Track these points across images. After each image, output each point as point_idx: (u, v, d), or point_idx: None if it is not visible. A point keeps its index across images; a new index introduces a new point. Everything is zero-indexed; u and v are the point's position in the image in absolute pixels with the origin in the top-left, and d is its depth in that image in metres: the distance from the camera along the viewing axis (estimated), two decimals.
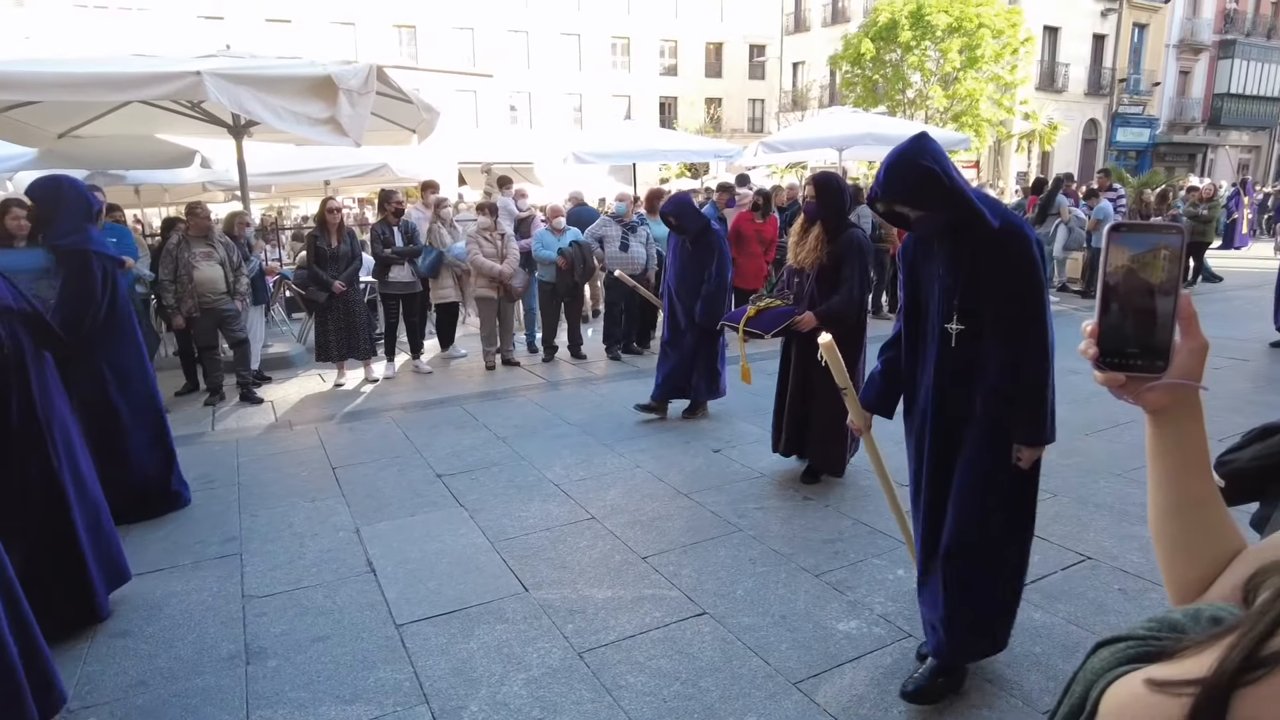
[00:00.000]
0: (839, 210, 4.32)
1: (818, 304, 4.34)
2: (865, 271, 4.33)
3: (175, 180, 11.24)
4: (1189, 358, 0.81)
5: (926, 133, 2.48)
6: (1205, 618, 0.67)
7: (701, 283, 5.77)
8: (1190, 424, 0.83)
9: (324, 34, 32.50)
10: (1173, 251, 0.80)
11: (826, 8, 33.46)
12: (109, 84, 5.59)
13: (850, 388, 2.97)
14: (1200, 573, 0.82)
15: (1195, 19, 31.48)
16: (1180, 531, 0.84)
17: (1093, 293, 11.07)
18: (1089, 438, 5.33)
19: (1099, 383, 0.85)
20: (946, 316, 2.52)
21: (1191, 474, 0.83)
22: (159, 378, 6.88)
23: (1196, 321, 0.82)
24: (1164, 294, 0.80)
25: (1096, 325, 0.84)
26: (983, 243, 2.41)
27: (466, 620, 3.27)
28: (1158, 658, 0.63)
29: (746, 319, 4.64)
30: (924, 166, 2.36)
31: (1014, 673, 2.81)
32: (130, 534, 4.23)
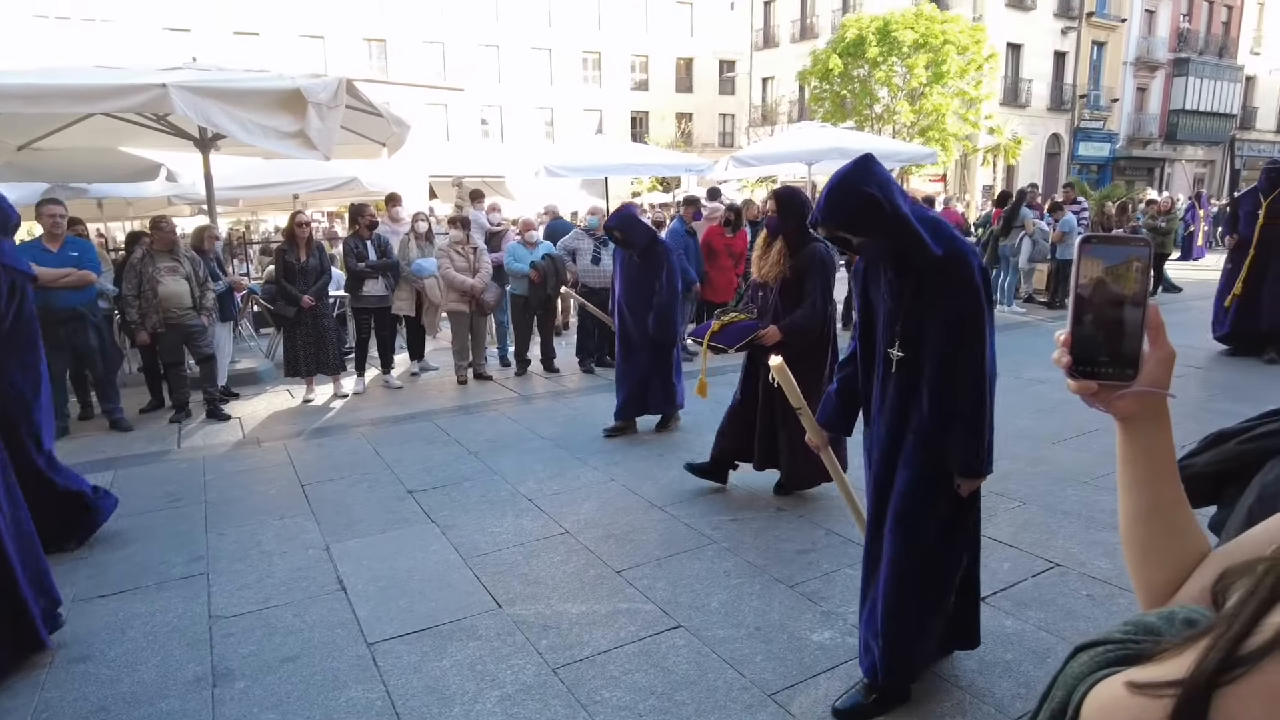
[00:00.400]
0: (800, 225, 4.31)
1: (781, 318, 4.37)
2: (828, 285, 4.36)
3: (139, 194, 11.07)
4: (1157, 366, 0.84)
5: (872, 155, 2.45)
6: (1179, 620, 0.69)
7: (652, 295, 5.73)
8: (1159, 431, 0.85)
9: (292, 47, 32.29)
10: (1142, 263, 0.82)
11: (795, 24, 33.93)
12: (72, 96, 5.51)
13: (805, 407, 2.95)
14: (1168, 576, 0.84)
15: (1151, 37, 32.38)
16: (1149, 536, 0.85)
17: (1058, 303, 11.26)
18: (1056, 446, 5.41)
19: (1072, 390, 0.87)
20: (889, 341, 2.52)
21: (1160, 480, 0.85)
22: (123, 394, 6.81)
23: (1164, 331, 0.84)
24: (1133, 304, 0.83)
25: (1069, 335, 0.85)
26: (925, 270, 2.39)
27: (439, 638, 3.23)
28: (1136, 660, 0.65)
29: (711, 333, 4.69)
30: (865, 194, 2.32)
31: (985, 680, 2.83)
32: (91, 554, 4.13)
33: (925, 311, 2.41)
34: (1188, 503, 0.86)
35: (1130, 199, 16.04)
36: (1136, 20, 31.73)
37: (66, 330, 6.12)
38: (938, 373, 2.42)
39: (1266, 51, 37.05)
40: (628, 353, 5.95)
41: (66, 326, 6.11)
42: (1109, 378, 0.84)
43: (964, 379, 2.39)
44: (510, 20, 36.57)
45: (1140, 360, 0.83)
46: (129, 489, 5.12)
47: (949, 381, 2.41)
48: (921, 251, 2.35)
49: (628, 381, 5.96)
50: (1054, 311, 11.55)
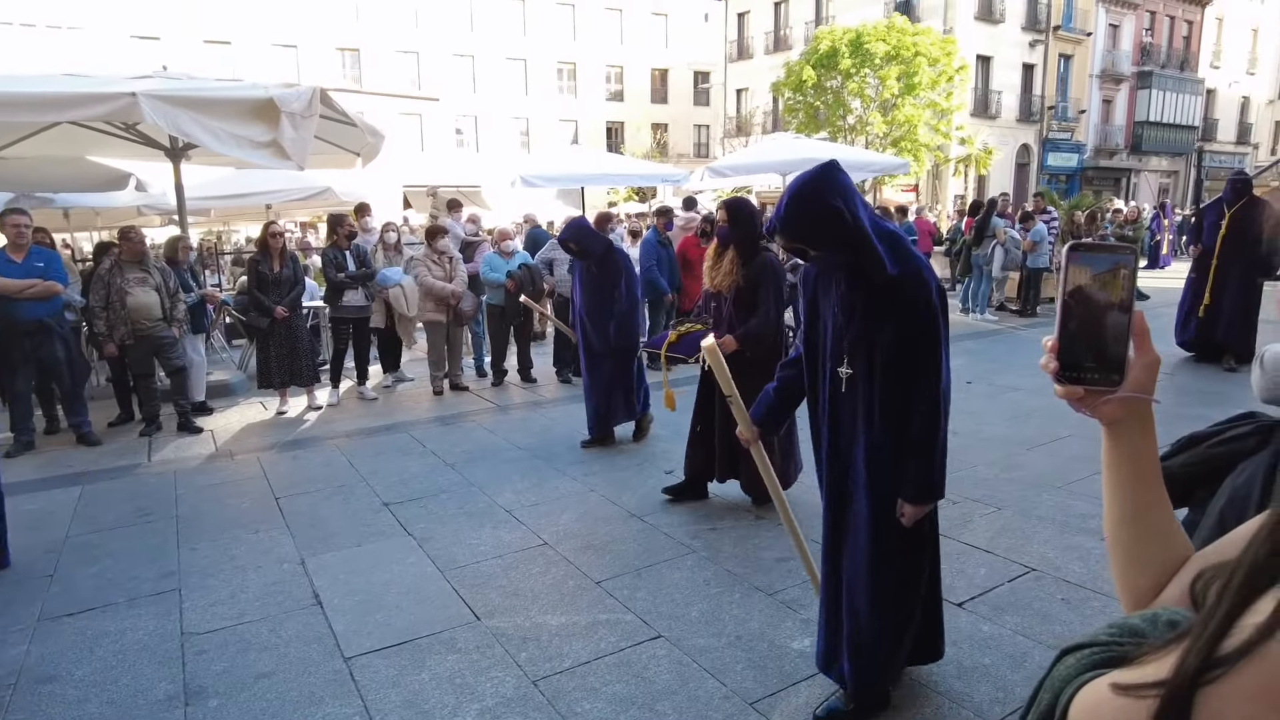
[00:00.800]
0: (751, 234, 4.40)
1: (736, 326, 4.40)
2: (780, 293, 4.42)
3: (108, 204, 10.91)
4: (1142, 372, 0.85)
5: (836, 163, 2.36)
6: (1162, 621, 0.70)
7: (612, 304, 5.72)
8: (1143, 436, 0.87)
9: (265, 56, 32.02)
10: (1127, 270, 0.84)
11: (769, 36, 34.24)
12: (39, 104, 5.43)
13: (736, 395, 2.89)
14: (1151, 580, 0.85)
15: (1115, 51, 33.09)
16: (1133, 539, 0.86)
17: (1028, 312, 11.39)
18: (1030, 452, 5.48)
19: (1058, 395, 0.88)
20: (837, 358, 2.44)
21: (1144, 484, 0.86)
22: (90, 408, 6.68)
23: (1149, 337, 0.86)
24: (1119, 311, 0.84)
25: (1056, 340, 0.87)
26: (878, 287, 2.31)
27: (417, 651, 3.20)
28: (1121, 662, 0.65)
29: (668, 344, 4.71)
30: (828, 205, 2.24)
31: (964, 684, 2.85)
32: (58, 571, 4.04)
33: (877, 330, 2.33)
34: (1170, 506, 0.87)
35: (1099, 208, 16.34)
36: (1101, 34, 32.43)
37: (32, 342, 5.99)
38: (889, 394, 2.35)
39: (1226, 65, 38.05)
40: (592, 364, 5.92)
41: (32, 338, 5.98)
42: (1095, 383, 0.85)
43: (916, 402, 2.33)
44: (485, 30, 36.57)
45: (1126, 366, 0.85)
46: (97, 504, 5.03)
47: (901, 404, 2.34)
48: (877, 268, 2.27)
49: (594, 395, 5.92)
50: (1025, 319, 11.72)
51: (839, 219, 2.22)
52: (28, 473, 5.71)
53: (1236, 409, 1.66)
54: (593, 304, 5.81)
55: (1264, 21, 39.91)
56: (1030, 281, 12.02)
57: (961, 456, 5.42)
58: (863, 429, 2.43)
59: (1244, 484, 1.42)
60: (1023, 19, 29.98)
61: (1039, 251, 11.74)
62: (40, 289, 5.94)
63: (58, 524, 4.71)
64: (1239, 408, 1.68)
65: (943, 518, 4.32)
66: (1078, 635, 0.73)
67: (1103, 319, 0.84)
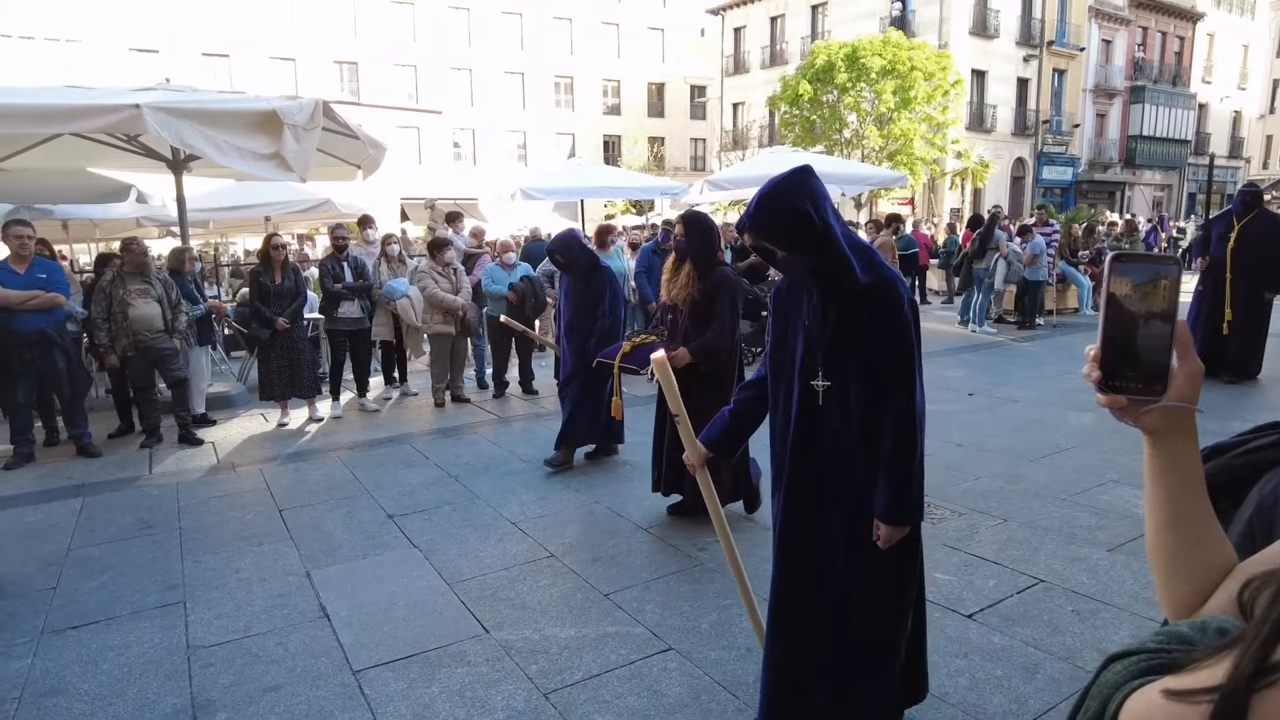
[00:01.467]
0: (708, 248, 4.37)
1: (691, 340, 4.35)
2: (735, 307, 4.37)
3: (107, 215, 10.89)
4: (1185, 381, 0.85)
5: (810, 167, 2.29)
6: (1212, 629, 0.70)
7: (595, 320, 5.65)
8: (1185, 445, 0.87)
9: (263, 69, 32.13)
10: (1170, 280, 0.84)
11: (765, 50, 34.47)
12: (43, 115, 5.43)
13: (683, 415, 2.60)
14: (1194, 588, 0.85)
15: (1108, 66, 33.40)
16: (1175, 546, 0.87)
17: (1027, 324, 11.43)
18: (1033, 464, 5.49)
19: (1101, 404, 0.89)
20: (810, 373, 2.31)
21: (1187, 492, 0.87)
22: (91, 419, 6.65)
23: (1192, 347, 0.86)
24: (1161, 321, 0.84)
25: (1099, 350, 0.87)
26: (849, 296, 2.22)
27: (426, 664, 3.18)
28: (1170, 669, 0.65)
29: (622, 355, 4.70)
30: (797, 208, 2.16)
31: (977, 696, 2.84)
32: (61, 584, 4.01)
33: (849, 342, 2.22)
34: (1214, 516, 0.87)
35: (1096, 221, 16.44)
36: (1094, 49, 32.72)
37: (32, 354, 5.97)
38: (864, 408, 2.23)
39: (1217, 80, 38.43)
40: (570, 378, 5.80)
41: (33, 350, 5.96)
42: (1137, 393, 0.86)
43: (890, 416, 2.21)
44: (483, 44, 36.75)
45: (1169, 375, 0.85)
46: (99, 516, 5.00)
47: (875, 418, 2.22)
48: (847, 275, 2.18)
49: (568, 409, 5.81)
50: (1024, 332, 11.76)
51: (807, 221, 2.15)
52: (28, 484, 5.67)
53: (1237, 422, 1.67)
54: (577, 318, 5.73)
55: (1254, 37, 40.38)
56: (1029, 293, 12.08)
57: (965, 468, 5.43)
58: (837, 448, 2.28)
59: (1270, 494, 1.42)
60: (1016, 34, 30.24)
61: (1038, 265, 11.80)
62: (42, 301, 5.92)
63: (59, 536, 4.68)
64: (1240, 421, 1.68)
65: (950, 529, 4.36)
66: (1125, 643, 0.73)
67: (1145, 329, 0.85)
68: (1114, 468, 5.31)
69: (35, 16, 28.96)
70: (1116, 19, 33.22)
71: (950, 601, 3.54)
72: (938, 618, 3.40)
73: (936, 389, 8.04)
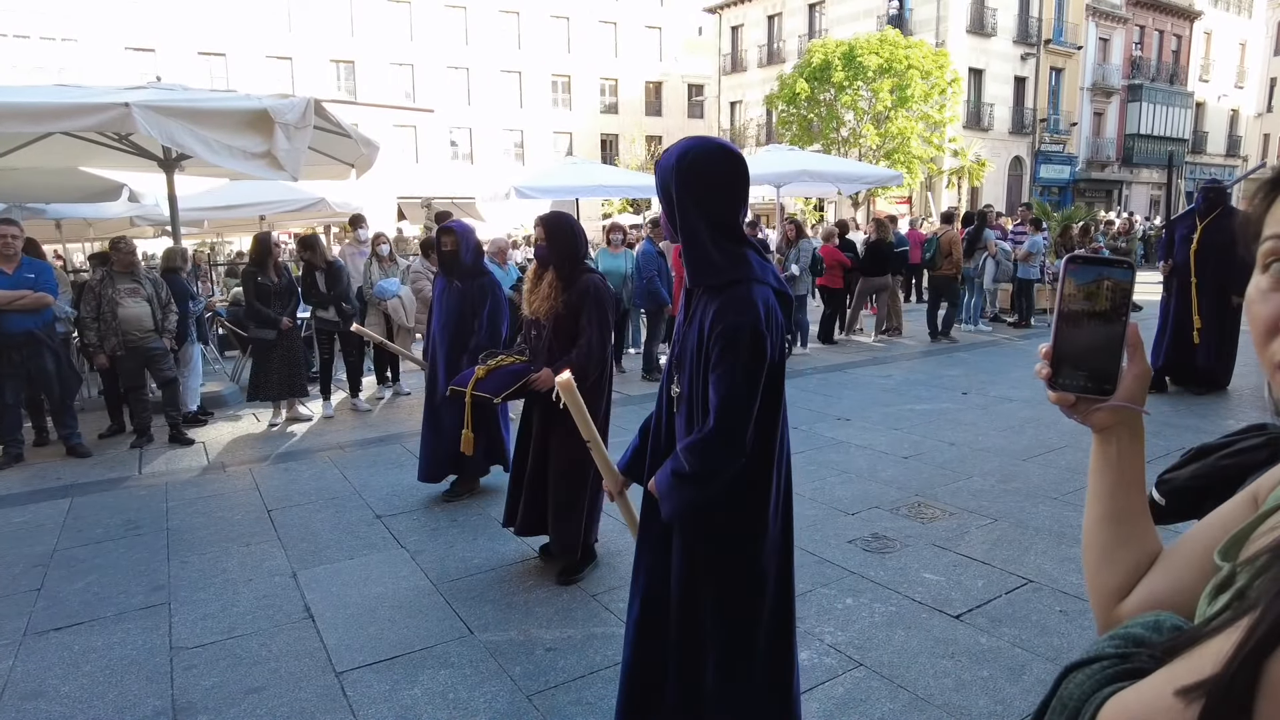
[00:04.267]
0: (572, 254, 3.83)
1: (556, 357, 3.79)
2: (606, 320, 3.81)
3: (100, 214, 10.86)
4: (1134, 382, 0.87)
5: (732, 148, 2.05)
6: (1167, 627, 0.70)
7: (469, 335, 4.91)
8: (1131, 443, 0.89)
9: (259, 68, 32.05)
10: (1121, 283, 0.86)
11: (762, 49, 34.45)
12: (31, 114, 5.40)
13: (597, 440, 2.44)
14: (1120, 580, 0.88)
15: (1105, 64, 33.39)
16: (1109, 539, 0.89)
17: (1023, 323, 11.41)
18: (1025, 463, 5.47)
19: (1051, 401, 0.91)
20: (670, 375, 2.14)
21: (1128, 489, 0.89)
22: (82, 419, 6.63)
23: (1142, 349, 0.88)
24: (1112, 322, 0.86)
25: (1051, 348, 0.89)
26: (705, 296, 2.01)
27: (410, 666, 3.16)
28: (1137, 674, 0.65)
29: (475, 380, 4.05)
30: (671, 169, 1.98)
31: (962, 697, 2.82)
32: (45, 585, 3.99)
33: (701, 344, 1.99)
34: (1149, 515, 0.90)
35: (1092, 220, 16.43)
36: (1091, 48, 32.71)
37: (21, 354, 5.94)
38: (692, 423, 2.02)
39: (1215, 79, 38.44)
40: (439, 401, 5.01)
41: (21, 351, 5.93)
42: (1087, 391, 0.88)
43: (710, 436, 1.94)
44: (480, 43, 36.69)
45: (1118, 376, 0.87)
46: (86, 517, 4.98)
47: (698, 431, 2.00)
48: (694, 266, 2.00)
49: (435, 435, 5.10)
50: (1020, 330, 11.75)
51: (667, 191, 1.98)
52: (16, 485, 5.65)
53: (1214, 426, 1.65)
54: (450, 330, 4.99)
55: (1251, 35, 40.38)
56: (1021, 292, 12.07)
57: (957, 468, 5.42)
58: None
59: None
60: (1014, 32, 30.22)
61: (1031, 264, 11.80)
62: (30, 300, 5.90)
63: (46, 537, 4.65)
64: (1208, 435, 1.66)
65: (940, 528, 4.34)
66: (1080, 651, 0.72)
67: (1096, 330, 0.87)
68: None
69: (30, 15, 28.88)
70: (1114, 17, 33.21)
71: (938, 602, 3.53)
72: (925, 618, 3.39)
73: (931, 388, 8.03)
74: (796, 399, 7.74)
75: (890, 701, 2.81)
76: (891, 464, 5.55)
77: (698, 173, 1.96)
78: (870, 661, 3.06)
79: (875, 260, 10.94)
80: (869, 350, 10.51)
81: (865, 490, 5.03)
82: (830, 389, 8.17)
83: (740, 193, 2.03)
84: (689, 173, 1.96)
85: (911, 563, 3.95)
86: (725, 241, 1.98)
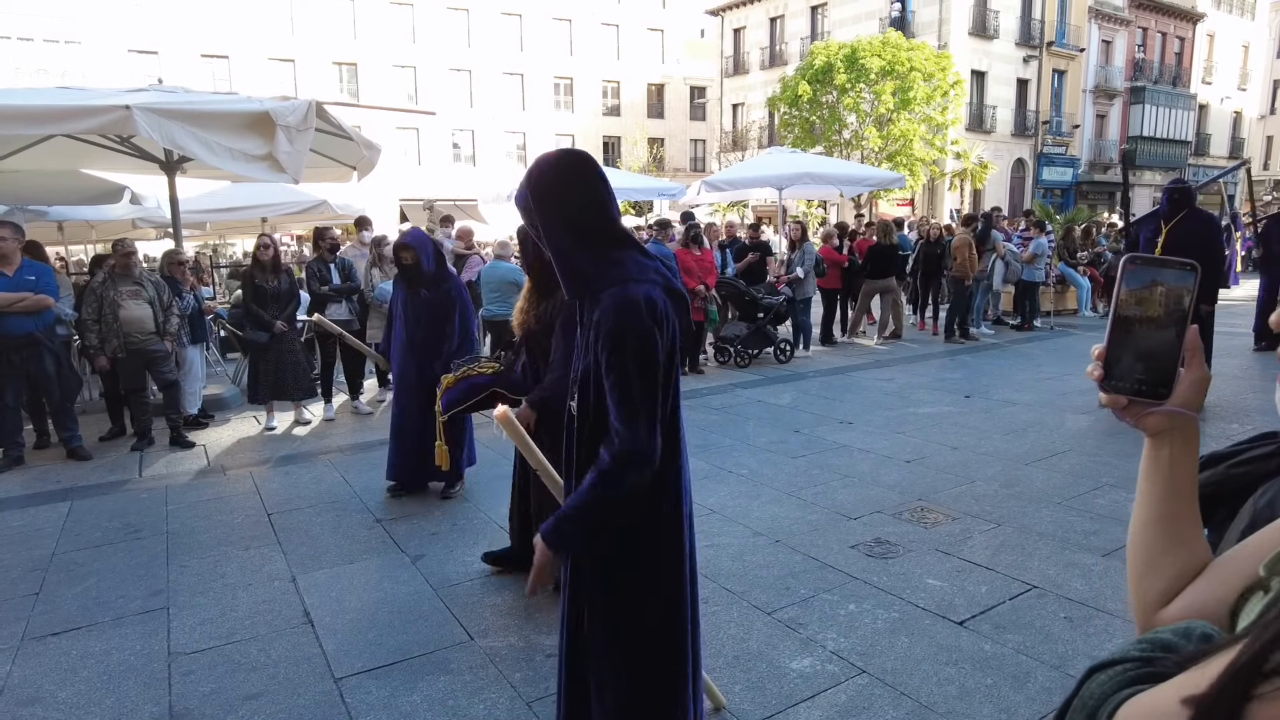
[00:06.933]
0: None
1: (530, 374, 3.64)
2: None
3: (102, 216, 10.85)
4: (1190, 388, 0.86)
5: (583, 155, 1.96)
6: (1196, 635, 0.69)
7: (441, 341, 4.94)
8: (1183, 449, 0.87)
9: (262, 70, 32.12)
10: (1176, 288, 0.84)
11: (764, 51, 34.45)
12: (32, 117, 5.39)
13: (545, 468, 2.34)
14: (1165, 585, 0.86)
15: (1108, 66, 33.35)
16: (1155, 543, 0.87)
17: (1028, 326, 11.38)
18: (1029, 467, 5.44)
19: (1102, 404, 0.89)
20: (569, 392, 1.97)
21: (1177, 495, 0.87)
22: (82, 421, 6.61)
23: (1200, 354, 0.86)
24: (1171, 325, 0.84)
25: (1105, 349, 0.87)
26: (589, 309, 1.87)
27: (409, 671, 3.13)
28: (1158, 678, 0.64)
29: (444, 389, 3.78)
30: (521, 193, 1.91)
31: (966, 705, 2.80)
32: (43, 590, 3.97)
33: (586, 361, 1.87)
34: (1199, 520, 0.88)
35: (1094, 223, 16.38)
36: (1094, 50, 32.68)
37: (21, 356, 5.93)
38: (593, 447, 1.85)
39: (1218, 81, 38.38)
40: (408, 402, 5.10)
41: (21, 353, 5.92)
42: (1141, 394, 0.86)
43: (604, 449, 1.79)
44: (482, 46, 36.74)
45: (1175, 380, 0.85)
46: (86, 520, 4.96)
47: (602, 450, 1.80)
48: (567, 282, 1.90)
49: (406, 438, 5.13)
50: (1023, 333, 11.71)
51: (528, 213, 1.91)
52: (15, 488, 5.64)
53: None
54: (420, 339, 5.03)
55: (1254, 37, 40.33)
56: (1027, 294, 12.04)
57: (960, 472, 5.39)
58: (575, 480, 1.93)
59: (1266, 507, 1.38)
60: (1016, 35, 30.21)
61: (1037, 265, 11.77)
62: (30, 303, 5.89)
63: (45, 540, 4.64)
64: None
65: (943, 533, 4.31)
66: (1107, 652, 0.71)
67: (1152, 332, 0.85)
68: (1110, 472, 5.27)
69: (34, 19, 28.96)
70: (1116, 19, 33.17)
71: (941, 608, 3.50)
72: (928, 625, 3.36)
73: (933, 391, 8.00)
74: (799, 402, 7.72)
75: (893, 709, 2.78)
76: (894, 468, 5.52)
77: (549, 183, 1.87)
78: (873, 669, 3.04)
79: (878, 263, 10.92)
80: (871, 353, 10.49)
81: (867, 494, 5.00)
82: (832, 392, 8.15)
83: (597, 193, 1.90)
84: (539, 185, 1.87)
85: (914, 568, 3.92)
86: (596, 246, 1.86)
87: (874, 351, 10.62)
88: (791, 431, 6.59)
